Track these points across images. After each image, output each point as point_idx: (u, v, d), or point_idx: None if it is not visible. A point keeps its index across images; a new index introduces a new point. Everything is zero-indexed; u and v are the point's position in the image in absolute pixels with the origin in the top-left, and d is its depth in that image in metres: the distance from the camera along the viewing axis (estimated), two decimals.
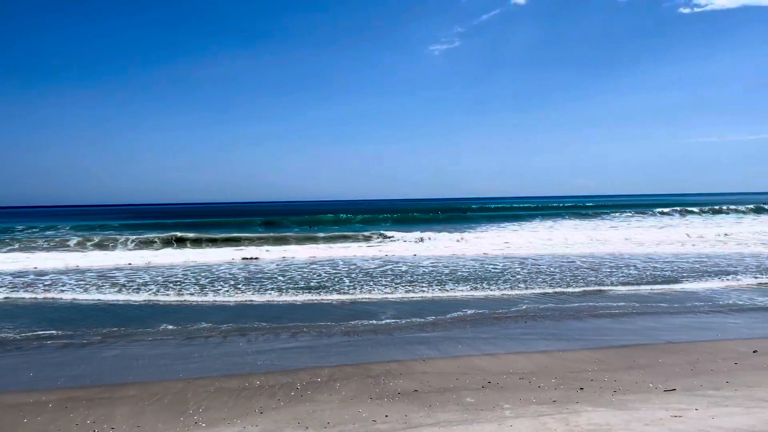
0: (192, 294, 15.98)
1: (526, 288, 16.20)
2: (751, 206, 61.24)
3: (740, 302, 13.82)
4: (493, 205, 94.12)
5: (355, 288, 16.56)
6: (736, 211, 58.59)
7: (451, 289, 16.23)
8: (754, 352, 9.22)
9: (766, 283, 16.42)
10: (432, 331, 11.25)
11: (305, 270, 20.83)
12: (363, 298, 15.00)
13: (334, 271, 20.35)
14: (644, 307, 13.54)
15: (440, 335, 10.92)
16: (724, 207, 61.38)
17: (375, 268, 21.21)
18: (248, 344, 10.50)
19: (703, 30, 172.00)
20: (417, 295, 15.26)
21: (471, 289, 16.07)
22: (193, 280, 18.48)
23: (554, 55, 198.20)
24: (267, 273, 20.13)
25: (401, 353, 9.64)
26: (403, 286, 16.68)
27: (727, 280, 17.07)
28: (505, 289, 16.13)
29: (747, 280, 16.94)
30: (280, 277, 18.94)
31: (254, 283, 17.68)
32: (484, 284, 16.93)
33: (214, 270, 21.09)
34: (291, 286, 17.17)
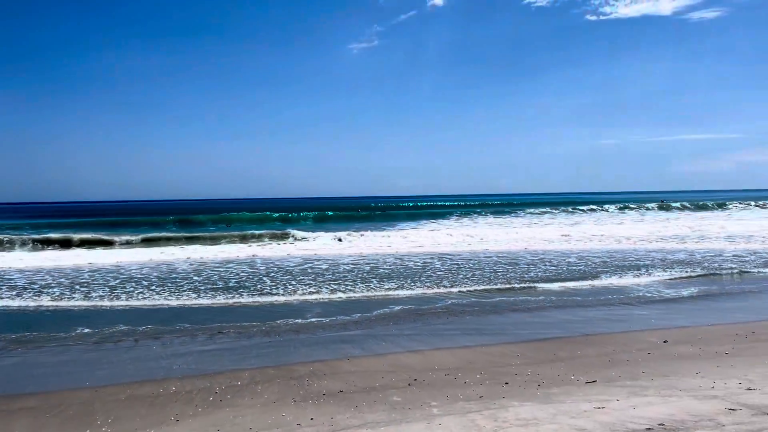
0: (101, 297, 15.08)
1: (447, 284, 16.31)
2: (656, 204, 65.06)
3: (649, 294, 14.45)
4: (412, 203, 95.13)
5: (276, 287, 16.15)
6: (641, 208, 61.93)
7: (373, 287, 16.12)
8: (664, 342, 9.59)
9: (676, 278, 17.24)
10: (356, 330, 11.08)
11: (221, 269, 20.18)
12: (284, 298, 14.63)
13: (253, 271, 19.82)
14: (560, 300, 13.90)
15: (364, 333, 10.77)
16: (631, 204, 64.75)
17: (295, 266, 20.82)
18: (162, 348, 9.97)
19: (607, 37, 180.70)
20: (339, 294, 15.05)
21: (392, 287, 16.01)
22: (101, 282, 17.48)
23: (470, 56, 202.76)
24: (181, 273, 19.33)
25: (325, 353, 9.41)
26: (324, 285, 16.42)
27: (641, 275, 17.81)
28: (427, 285, 16.18)
29: (658, 274, 17.74)
30: (195, 277, 18.23)
31: (168, 284, 16.92)
32: (405, 281, 16.92)
33: (124, 271, 20.06)
34: (208, 286, 16.55)
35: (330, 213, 59.65)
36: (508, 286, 15.98)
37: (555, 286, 15.90)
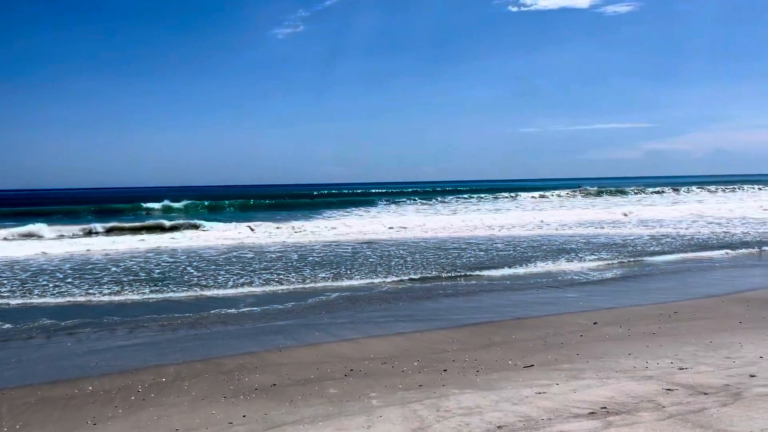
0: (11, 291, 14.00)
1: (380, 271, 16.14)
2: (574, 189, 67.57)
3: (576, 277, 14.76)
4: (339, 191, 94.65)
5: (204, 278, 15.51)
6: (562, 195, 64.10)
7: (302, 276, 15.75)
8: (594, 323, 9.73)
9: (610, 264, 17.70)
10: (286, 320, 10.72)
11: (140, 259, 19.24)
12: (211, 292, 14.04)
13: (174, 260, 19.00)
14: (490, 285, 14.00)
15: (295, 323, 10.42)
16: (552, 191, 66.92)
17: (218, 255, 20.14)
18: (78, 344, 9.29)
19: (528, 27, 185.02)
20: (267, 283, 14.58)
21: (322, 275, 15.69)
22: (9, 275, 16.28)
23: (396, 43, 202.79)
24: (98, 264, 18.30)
25: (255, 344, 9.02)
26: (253, 275, 15.92)
27: (572, 260, 18.14)
28: (357, 272, 15.95)
29: (589, 259, 18.16)
30: (114, 268, 17.28)
31: (87, 276, 15.94)
32: (334, 269, 16.64)
33: (33, 263, 18.79)
34: (131, 277, 15.70)
35: (256, 201, 58.40)
36: (440, 272, 15.97)
37: (490, 272, 15.99)
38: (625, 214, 36.55)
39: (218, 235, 27.70)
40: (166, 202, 51.78)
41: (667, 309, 10.65)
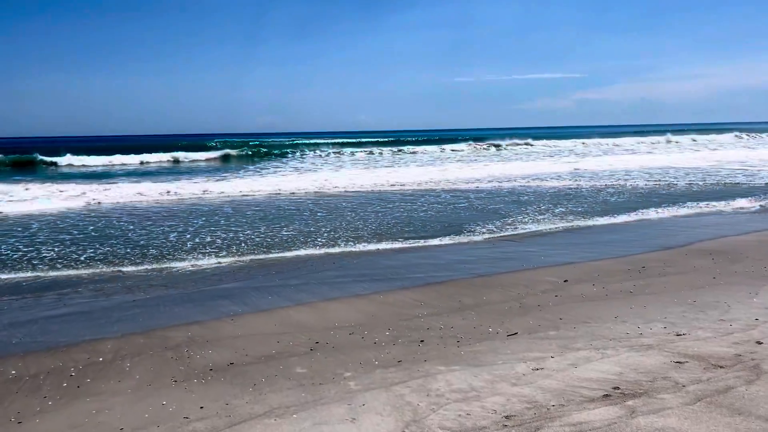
0: None
1: (324, 227, 15.34)
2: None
3: (532, 229, 14.37)
4: (273, 141, 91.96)
5: (143, 236, 14.31)
6: (509, 147, 64.49)
7: (246, 230, 14.77)
8: (565, 281, 9.26)
9: (554, 214, 17.42)
10: (232, 282, 9.81)
11: (68, 217, 17.75)
12: (154, 263, 12.90)
13: (101, 216, 17.61)
14: (444, 239, 13.42)
15: (243, 285, 9.54)
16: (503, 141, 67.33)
17: (145, 209, 18.84)
18: None
19: None
20: (205, 239, 13.55)
21: (265, 229, 14.77)
22: None
23: None
24: (18, 221, 16.71)
25: (202, 311, 8.10)
26: (190, 230, 14.83)
27: (523, 213, 17.84)
28: (303, 228, 15.09)
29: (541, 210, 17.87)
30: (35, 224, 15.78)
31: (7, 234, 14.44)
32: (280, 224, 15.73)
33: None
34: (63, 236, 14.31)
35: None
36: (389, 226, 15.31)
37: (442, 225, 15.44)
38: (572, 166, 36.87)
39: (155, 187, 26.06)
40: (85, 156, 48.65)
41: (634, 263, 10.30)
